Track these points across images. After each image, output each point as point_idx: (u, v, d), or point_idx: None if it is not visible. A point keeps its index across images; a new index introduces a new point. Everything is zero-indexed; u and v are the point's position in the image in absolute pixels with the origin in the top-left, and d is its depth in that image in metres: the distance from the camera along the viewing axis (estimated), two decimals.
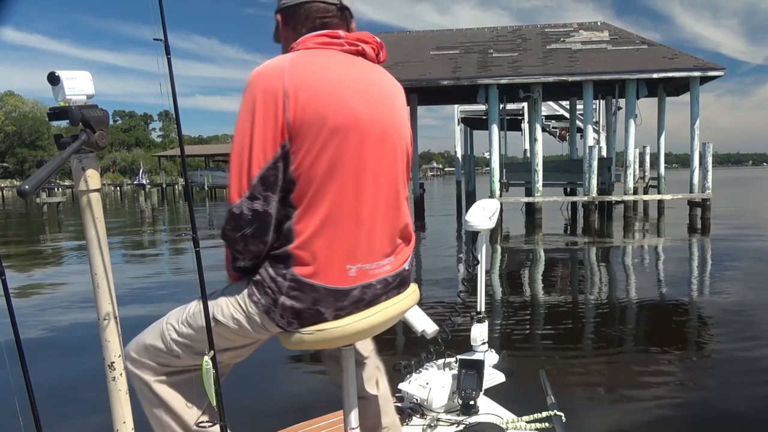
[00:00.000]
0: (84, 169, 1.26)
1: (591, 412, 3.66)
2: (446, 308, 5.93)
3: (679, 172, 30.68)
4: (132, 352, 1.52)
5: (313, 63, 1.37)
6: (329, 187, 1.35)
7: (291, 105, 1.30)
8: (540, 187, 16.77)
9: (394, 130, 1.49)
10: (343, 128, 1.35)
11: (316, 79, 1.34)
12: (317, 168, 1.33)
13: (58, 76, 1.21)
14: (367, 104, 1.41)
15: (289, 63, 1.34)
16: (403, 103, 1.60)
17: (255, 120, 1.31)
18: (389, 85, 1.55)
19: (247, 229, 1.34)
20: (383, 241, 1.47)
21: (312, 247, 1.35)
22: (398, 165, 1.51)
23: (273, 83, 1.31)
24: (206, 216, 23.37)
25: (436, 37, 20.12)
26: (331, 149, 1.34)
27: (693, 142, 16.59)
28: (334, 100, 1.35)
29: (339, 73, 1.39)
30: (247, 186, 1.32)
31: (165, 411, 1.51)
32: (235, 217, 1.34)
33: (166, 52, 1.25)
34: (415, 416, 2.38)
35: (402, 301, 1.56)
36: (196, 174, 46.80)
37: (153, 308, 6.53)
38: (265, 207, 1.33)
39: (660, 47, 18.02)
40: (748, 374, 4.28)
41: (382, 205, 1.45)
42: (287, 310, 1.37)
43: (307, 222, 1.35)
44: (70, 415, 3.74)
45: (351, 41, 1.46)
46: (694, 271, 9.52)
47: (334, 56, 1.42)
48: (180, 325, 1.48)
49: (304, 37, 1.45)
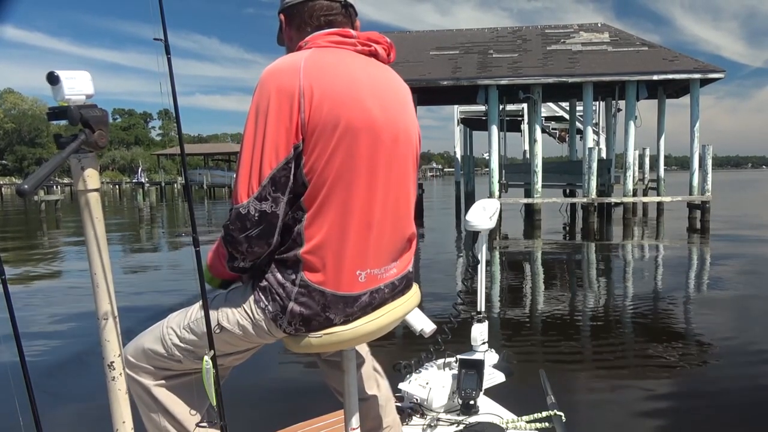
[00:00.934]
0: (83, 169, 1.25)
1: (591, 412, 3.66)
2: (446, 308, 5.92)
3: (678, 175, 30.71)
4: (130, 356, 1.49)
5: (328, 62, 1.34)
6: (340, 190, 1.32)
7: (306, 105, 1.27)
8: (539, 189, 16.78)
9: (405, 133, 1.47)
10: (356, 130, 1.32)
11: (332, 79, 1.31)
12: (329, 171, 1.30)
13: (57, 76, 1.20)
14: (380, 107, 1.38)
15: (305, 61, 1.31)
16: (412, 105, 1.58)
17: (268, 119, 1.28)
18: (400, 86, 1.53)
19: (252, 231, 1.30)
20: (391, 246, 1.45)
21: (322, 252, 1.33)
22: (409, 168, 1.49)
23: (288, 82, 1.28)
24: (205, 215, 23.36)
25: (436, 38, 20.13)
26: (343, 152, 1.31)
27: (693, 144, 16.61)
28: (350, 101, 1.32)
29: (353, 74, 1.36)
30: (256, 186, 1.29)
31: (164, 415, 1.49)
32: (241, 218, 1.30)
33: (166, 52, 1.24)
34: (415, 416, 2.38)
35: (407, 302, 1.55)
36: (195, 173, 46.79)
37: (151, 308, 6.53)
38: (274, 208, 1.30)
39: (660, 49, 18.02)
40: (748, 375, 4.28)
41: (392, 210, 1.43)
42: (296, 317, 1.35)
43: (318, 226, 1.32)
44: (70, 414, 3.74)
45: (363, 41, 1.44)
46: (693, 273, 9.52)
47: (348, 56, 1.40)
48: (182, 330, 1.46)
49: (315, 35, 1.42)
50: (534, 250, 12.29)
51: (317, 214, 1.32)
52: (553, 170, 18.95)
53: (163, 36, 1.22)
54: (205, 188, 44.96)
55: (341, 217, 1.33)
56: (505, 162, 19.28)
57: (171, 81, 1.26)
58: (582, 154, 17.58)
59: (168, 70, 1.25)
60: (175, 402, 1.49)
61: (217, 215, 24.17)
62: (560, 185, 19.42)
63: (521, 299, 7.43)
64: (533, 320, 6.21)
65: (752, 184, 49.77)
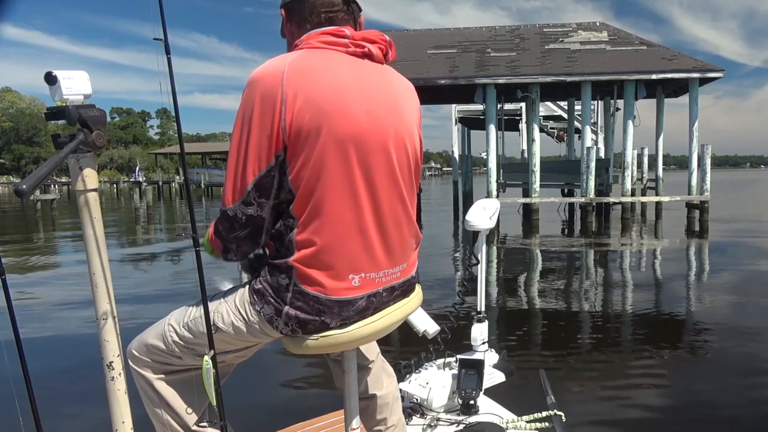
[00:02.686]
0: (81, 169, 1.25)
1: (591, 411, 3.65)
2: (446, 308, 5.92)
3: (676, 174, 30.74)
4: (134, 350, 1.53)
5: (313, 68, 1.32)
6: (328, 198, 1.31)
7: (288, 113, 1.26)
8: (537, 188, 16.76)
9: (398, 138, 1.43)
10: (342, 138, 1.30)
11: (315, 85, 1.29)
12: (314, 179, 1.30)
13: (55, 76, 1.20)
14: (368, 112, 1.36)
15: (289, 67, 1.29)
16: (413, 105, 1.55)
17: (252, 126, 1.28)
18: (397, 87, 1.50)
19: (240, 232, 1.34)
20: (389, 251, 1.44)
21: (314, 258, 1.33)
22: (404, 173, 1.46)
23: (271, 88, 1.27)
24: (203, 214, 23.32)
25: (433, 36, 20.09)
26: (329, 160, 1.30)
27: (691, 143, 16.58)
28: (332, 109, 1.30)
29: (340, 80, 1.33)
30: (241, 192, 1.31)
31: (165, 409, 1.51)
32: (229, 219, 1.34)
33: (166, 51, 1.24)
34: (415, 416, 2.38)
35: (407, 305, 1.55)
36: (193, 172, 46.75)
37: (151, 308, 6.53)
38: (259, 212, 1.32)
39: (659, 48, 18.01)
40: (746, 375, 4.28)
41: (387, 215, 1.42)
42: (291, 319, 1.35)
43: (309, 233, 1.32)
44: (70, 414, 3.74)
45: (357, 42, 1.40)
46: (691, 273, 9.53)
47: (337, 59, 1.37)
48: (181, 328, 1.48)
49: (308, 35, 1.41)
50: (533, 250, 12.29)
51: (307, 221, 1.32)
52: (551, 170, 18.94)
53: (163, 36, 1.22)
54: (202, 187, 44.91)
55: (331, 224, 1.32)
56: (503, 161, 19.27)
57: (171, 80, 1.26)
58: (580, 154, 17.56)
59: (168, 70, 1.25)
60: (176, 397, 1.51)
61: (214, 214, 24.10)
62: (558, 185, 19.42)
63: (521, 299, 7.43)
64: (533, 320, 6.21)
65: (751, 184, 49.85)
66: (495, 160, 17.06)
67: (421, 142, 1.56)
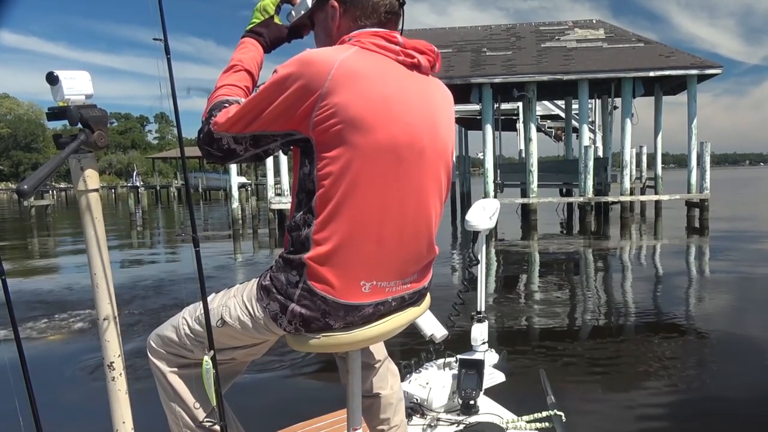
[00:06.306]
0: (83, 169, 1.25)
1: (591, 411, 3.66)
2: (446, 308, 5.91)
3: (675, 173, 30.71)
4: (152, 342, 1.57)
5: (362, 71, 1.28)
6: (352, 203, 1.29)
7: (320, 109, 1.24)
8: (535, 188, 16.74)
9: (434, 152, 1.41)
10: (375, 148, 1.28)
11: (360, 91, 1.26)
12: (341, 181, 1.27)
13: (57, 76, 1.20)
14: (406, 124, 1.33)
15: (339, 64, 1.25)
16: (451, 117, 1.53)
17: (283, 96, 1.26)
18: (439, 100, 1.47)
19: (215, 152, 1.36)
20: (406, 263, 1.42)
21: (327, 259, 1.31)
22: (435, 186, 1.44)
23: (316, 77, 1.24)
24: (201, 218, 23.32)
25: (428, 36, 20.04)
26: (358, 166, 1.27)
27: (690, 141, 16.57)
28: (372, 117, 1.27)
29: (385, 89, 1.30)
30: (241, 130, 1.32)
31: (178, 402, 1.53)
32: (213, 138, 1.35)
33: (166, 52, 1.24)
34: (416, 416, 2.38)
35: (413, 311, 1.54)
36: (191, 176, 46.65)
37: (149, 308, 6.52)
38: (241, 152, 1.35)
39: (656, 45, 18.00)
40: (747, 374, 4.28)
41: (410, 228, 1.39)
42: (296, 317, 1.35)
43: (326, 234, 1.30)
44: (71, 415, 3.74)
45: (407, 51, 1.37)
46: (692, 272, 9.54)
47: (387, 68, 1.33)
48: (193, 321, 1.51)
49: (360, 32, 1.37)
50: (531, 251, 12.29)
51: (327, 221, 1.30)
52: (549, 169, 18.94)
53: (163, 36, 1.22)
54: (200, 191, 44.85)
55: (350, 228, 1.31)
56: (501, 162, 19.25)
57: (171, 82, 1.26)
58: (578, 153, 17.53)
59: (168, 71, 1.25)
60: (187, 391, 1.53)
61: (213, 219, 24.14)
62: (557, 185, 19.41)
63: (521, 299, 7.43)
64: (533, 320, 6.21)
65: (751, 182, 49.87)
66: (492, 161, 17.02)
67: (452, 154, 1.54)
